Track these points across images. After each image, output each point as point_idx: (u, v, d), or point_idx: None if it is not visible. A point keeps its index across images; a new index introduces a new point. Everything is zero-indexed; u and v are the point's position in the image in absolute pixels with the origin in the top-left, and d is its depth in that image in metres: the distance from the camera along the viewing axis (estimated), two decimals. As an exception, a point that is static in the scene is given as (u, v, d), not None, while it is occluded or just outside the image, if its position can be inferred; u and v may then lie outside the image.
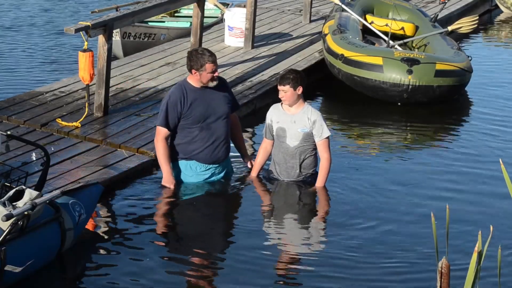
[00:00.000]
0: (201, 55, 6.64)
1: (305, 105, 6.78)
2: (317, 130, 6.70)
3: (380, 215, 6.61)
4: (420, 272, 5.64)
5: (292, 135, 6.76)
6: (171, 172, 6.73)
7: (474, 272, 3.50)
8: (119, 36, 11.82)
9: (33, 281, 5.20)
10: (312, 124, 6.69)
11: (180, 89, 6.73)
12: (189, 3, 10.46)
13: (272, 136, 6.89)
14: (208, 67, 6.62)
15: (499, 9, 17.36)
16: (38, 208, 5.06)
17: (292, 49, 11.61)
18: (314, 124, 6.69)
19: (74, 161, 7.12)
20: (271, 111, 6.91)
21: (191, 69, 6.69)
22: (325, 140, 6.73)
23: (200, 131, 6.74)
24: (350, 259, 5.81)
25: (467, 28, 11.71)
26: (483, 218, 6.58)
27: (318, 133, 6.71)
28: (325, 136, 6.71)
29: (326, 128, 6.72)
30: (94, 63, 7.98)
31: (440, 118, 9.85)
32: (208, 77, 6.67)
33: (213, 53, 6.72)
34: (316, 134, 6.71)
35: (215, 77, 6.70)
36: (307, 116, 6.71)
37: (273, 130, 6.86)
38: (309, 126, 6.70)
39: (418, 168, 7.83)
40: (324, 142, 6.73)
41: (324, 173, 6.78)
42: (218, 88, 6.79)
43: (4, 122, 8.02)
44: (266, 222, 6.55)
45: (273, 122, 6.85)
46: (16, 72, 11.40)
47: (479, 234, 3.50)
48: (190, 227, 6.46)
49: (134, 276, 5.44)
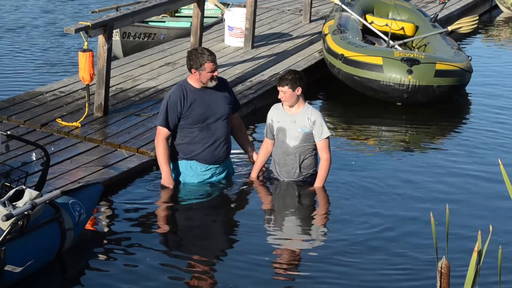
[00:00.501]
0: (200, 54, 6.64)
1: (305, 105, 6.77)
2: (317, 131, 6.69)
3: (379, 215, 6.60)
4: (420, 272, 5.63)
5: (292, 135, 6.75)
6: (170, 174, 6.73)
7: (474, 272, 3.50)
8: (118, 36, 11.82)
9: (33, 281, 5.20)
10: (312, 124, 6.69)
11: (180, 89, 6.73)
12: (189, 3, 10.47)
13: (273, 136, 6.88)
14: (207, 66, 6.61)
15: (499, 9, 17.37)
16: (38, 208, 5.06)
17: (292, 49, 11.61)
18: (314, 124, 6.69)
19: (74, 161, 7.12)
20: (272, 110, 6.91)
21: (190, 68, 6.69)
22: (325, 141, 6.72)
23: (200, 132, 6.74)
24: (350, 259, 5.80)
25: (467, 28, 11.71)
26: (483, 218, 6.58)
27: (318, 134, 6.70)
28: (325, 137, 6.71)
29: (326, 129, 6.71)
30: (94, 63, 7.98)
31: (440, 118, 9.85)
32: (208, 77, 6.67)
33: (213, 53, 6.72)
34: (316, 135, 6.71)
35: (214, 77, 6.69)
36: (307, 116, 6.71)
37: (273, 130, 6.85)
38: (309, 126, 6.70)
39: (418, 168, 7.82)
40: (324, 143, 6.72)
41: (323, 173, 6.78)
42: (218, 89, 6.79)
43: (4, 122, 8.03)
44: (265, 223, 6.54)
45: (274, 121, 6.85)
46: (16, 72, 11.40)
47: (478, 234, 3.50)
48: (190, 227, 6.46)
49: (134, 276, 5.44)
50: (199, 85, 6.73)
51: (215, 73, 6.69)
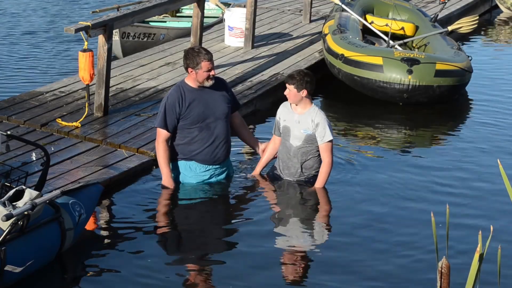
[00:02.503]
0: (197, 53, 6.63)
1: (312, 106, 6.75)
2: (320, 133, 6.68)
3: (379, 214, 6.61)
4: (420, 272, 5.63)
5: (295, 135, 6.75)
6: (170, 175, 6.73)
7: (475, 273, 3.50)
8: (118, 36, 11.81)
9: (33, 281, 5.20)
10: (315, 126, 6.67)
11: (177, 90, 6.72)
12: (189, 3, 10.47)
13: (280, 133, 6.89)
14: (204, 65, 6.60)
15: (499, 9, 17.37)
16: (38, 208, 5.06)
17: (292, 49, 11.61)
18: (317, 126, 6.67)
19: (74, 161, 7.12)
20: (281, 108, 6.91)
21: (187, 67, 6.68)
22: (327, 144, 6.70)
23: (200, 132, 6.73)
24: (350, 259, 5.81)
25: (467, 28, 11.70)
26: (483, 217, 6.58)
27: (320, 136, 6.68)
28: (327, 140, 6.68)
29: (329, 132, 6.67)
30: (94, 63, 7.98)
31: (440, 118, 9.85)
32: (204, 76, 6.65)
33: (210, 52, 6.70)
34: (318, 137, 6.69)
35: (211, 76, 6.67)
36: (311, 118, 6.69)
37: (280, 127, 6.86)
38: (312, 128, 6.68)
39: (418, 168, 7.82)
40: (326, 146, 6.70)
41: (324, 176, 6.76)
42: (216, 88, 6.78)
43: (4, 122, 8.03)
44: (264, 223, 6.52)
45: (281, 119, 6.86)
46: (16, 72, 11.40)
47: (479, 234, 3.50)
48: (189, 227, 6.45)
49: (134, 276, 5.44)
50: (196, 85, 6.72)
51: (212, 72, 6.66)
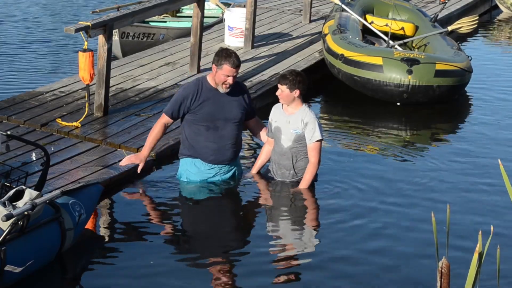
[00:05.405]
0: (227, 55, 6.61)
1: (302, 107, 6.76)
2: (308, 133, 6.67)
3: (379, 214, 6.60)
4: (420, 272, 5.63)
5: (286, 135, 6.76)
6: (146, 155, 6.86)
7: (475, 273, 3.50)
8: (117, 36, 11.81)
9: (33, 281, 5.20)
10: (304, 126, 6.67)
11: (196, 84, 6.74)
12: (189, 3, 10.47)
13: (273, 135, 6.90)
14: (225, 68, 6.58)
15: (499, 9, 17.37)
16: (38, 208, 5.05)
17: (292, 49, 11.61)
18: (306, 126, 6.66)
19: (74, 161, 7.11)
20: (273, 110, 6.93)
21: (213, 63, 6.69)
22: (315, 144, 6.68)
23: (207, 130, 6.73)
24: (349, 259, 5.81)
25: (467, 28, 11.71)
26: (483, 218, 6.58)
27: (309, 136, 6.68)
28: (315, 140, 6.66)
29: (318, 132, 6.66)
30: (94, 63, 7.98)
31: (440, 118, 9.85)
32: (221, 79, 6.63)
33: (239, 60, 6.66)
34: (306, 137, 6.68)
35: (227, 83, 6.65)
36: (301, 117, 6.70)
37: (272, 129, 6.87)
38: (301, 128, 6.68)
39: (418, 168, 7.82)
40: (313, 146, 6.69)
41: (308, 177, 6.73)
42: (235, 93, 6.76)
43: (4, 122, 8.02)
44: (258, 222, 6.52)
45: (273, 121, 6.87)
46: (16, 72, 11.39)
47: (479, 234, 3.50)
48: (189, 227, 6.46)
49: (134, 276, 5.43)
50: (215, 84, 6.72)
51: (229, 79, 6.63)
